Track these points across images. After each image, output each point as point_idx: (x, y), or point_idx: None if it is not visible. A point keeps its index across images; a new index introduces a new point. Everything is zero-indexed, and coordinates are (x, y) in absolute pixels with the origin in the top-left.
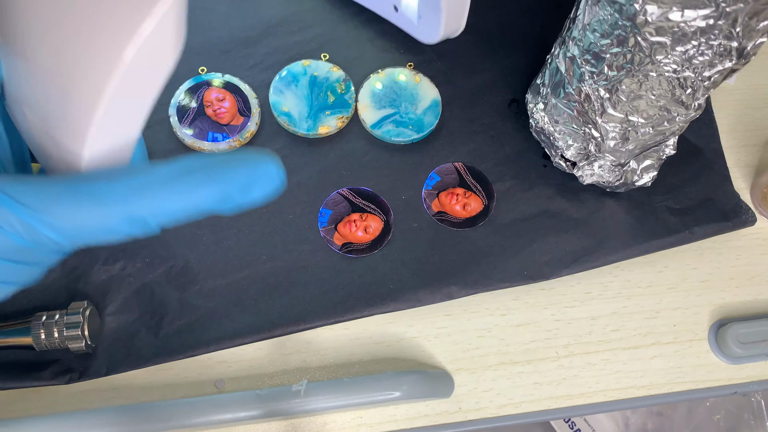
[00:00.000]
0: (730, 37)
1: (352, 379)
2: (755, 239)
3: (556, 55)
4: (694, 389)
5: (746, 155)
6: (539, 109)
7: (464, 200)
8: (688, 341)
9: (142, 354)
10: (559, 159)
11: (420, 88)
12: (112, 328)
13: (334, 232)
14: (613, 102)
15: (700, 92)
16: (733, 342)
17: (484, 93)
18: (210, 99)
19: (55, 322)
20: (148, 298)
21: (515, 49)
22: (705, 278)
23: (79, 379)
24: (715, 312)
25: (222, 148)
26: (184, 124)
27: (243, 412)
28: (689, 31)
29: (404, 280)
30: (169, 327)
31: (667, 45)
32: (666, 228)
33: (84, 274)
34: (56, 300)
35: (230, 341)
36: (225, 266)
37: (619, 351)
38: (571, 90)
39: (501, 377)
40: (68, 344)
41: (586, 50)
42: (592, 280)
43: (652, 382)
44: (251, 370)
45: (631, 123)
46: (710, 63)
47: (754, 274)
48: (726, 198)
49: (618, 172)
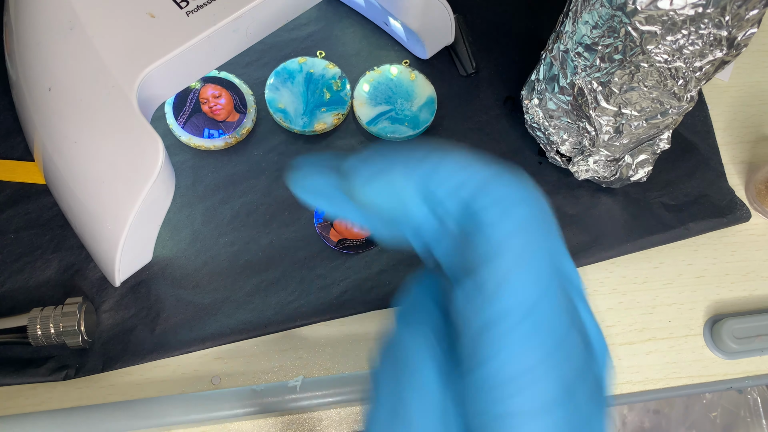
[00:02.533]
0: (719, 26)
1: (348, 374)
2: (750, 235)
3: (551, 50)
4: (690, 384)
5: (741, 152)
6: (534, 105)
7: None
8: (683, 337)
9: (139, 350)
10: (555, 154)
11: (416, 85)
12: (108, 324)
13: (330, 228)
14: (605, 94)
15: (692, 83)
16: (728, 337)
17: (480, 90)
18: (206, 96)
19: (51, 317)
20: (144, 294)
21: (511, 47)
22: (700, 274)
23: (75, 375)
24: (710, 307)
25: (218, 145)
26: (180, 121)
27: (239, 408)
28: (679, 20)
29: (400, 276)
30: (165, 323)
31: (658, 34)
32: (661, 224)
33: (80, 271)
34: (53, 297)
35: (226, 337)
36: (221, 262)
37: (615, 346)
38: (565, 84)
39: None
40: (64, 339)
41: (579, 43)
42: (588, 275)
43: (648, 378)
44: (247, 366)
45: (624, 116)
46: (701, 53)
47: (749, 270)
48: (721, 194)
49: (613, 167)
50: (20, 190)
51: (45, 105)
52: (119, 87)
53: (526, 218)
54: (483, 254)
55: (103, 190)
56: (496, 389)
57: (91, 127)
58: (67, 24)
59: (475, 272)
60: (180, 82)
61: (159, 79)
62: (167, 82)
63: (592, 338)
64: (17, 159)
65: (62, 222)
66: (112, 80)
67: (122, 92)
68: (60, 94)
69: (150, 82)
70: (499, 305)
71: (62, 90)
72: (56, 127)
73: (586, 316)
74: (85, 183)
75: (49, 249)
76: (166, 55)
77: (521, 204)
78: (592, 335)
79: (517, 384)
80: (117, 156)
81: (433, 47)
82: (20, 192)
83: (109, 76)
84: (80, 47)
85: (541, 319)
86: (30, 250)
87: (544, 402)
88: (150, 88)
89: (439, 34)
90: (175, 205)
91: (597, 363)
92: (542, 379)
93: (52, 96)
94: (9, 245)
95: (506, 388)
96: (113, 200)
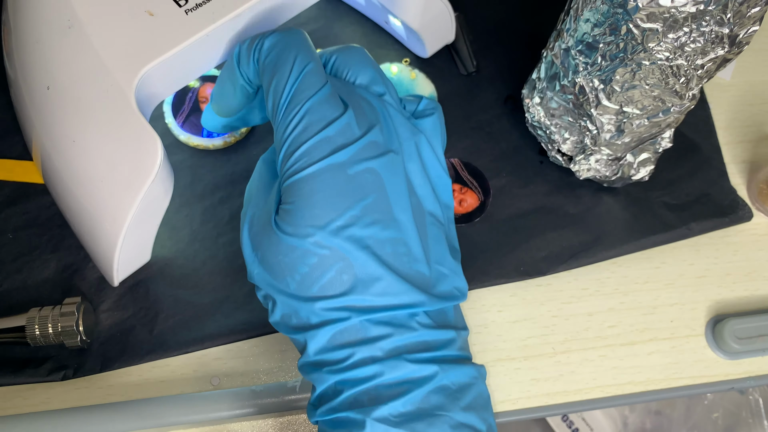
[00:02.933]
0: (721, 24)
1: None
2: (752, 235)
3: (551, 49)
4: (692, 385)
5: (743, 151)
6: (535, 103)
7: (460, 196)
8: (685, 337)
9: (137, 350)
10: (556, 153)
11: (416, 84)
12: (107, 324)
13: None
14: (607, 93)
15: (694, 81)
16: (730, 337)
17: (480, 89)
18: (205, 95)
19: (49, 317)
20: (142, 294)
21: (511, 46)
22: (702, 274)
23: (73, 375)
24: (712, 308)
25: (217, 144)
26: (178, 120)
27: (239, 409)
28: (680, 17)
29: None
30: (164, 323)
31: (659, 32)
32: (663, 224)
33: (78, 271)
34: (51, 297)
35: (226, 337)
36: (220, 262)
37: (617, 347)
38: (566, 82)
39: (498, 373)
40: (63, 340)
41: (580, 41)
42: (589, 276)
43: (650, 378)
44: (247, 366)
45: (625, 114)
46: (702, 50)
47: (751, 270)
48: (723, 194)
49: (615, 166)
50: (18, 189)
51: (43, 104)
52: (118, 86)
53: (277, 40)
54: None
55: (101, 190)
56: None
57: (90, 126)
58: (66, 22)
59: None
60: (179, 80)
61: (158, 78)
62: (166, 81)
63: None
64: (15, 158)
65: (61, 222)
66: (110, 79)
67: (121, 91)
68: (58, 92)
69: (149, 80)
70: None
71: (61, 89)
72: (55, 126)
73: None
74: (84, 182)
75: (47, 249)
76: (165, 54)
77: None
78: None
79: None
80: (115, 155)
81: (433, 46)
82: (18, 191)
83: (107, 75)
84: (79, 46)
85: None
86: (28, 250)
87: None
88: (149, 86)
89: (440, 32)
90: (173, 204)
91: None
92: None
93: (51, 95)
94: (7, 245)
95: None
96: (111, 199)
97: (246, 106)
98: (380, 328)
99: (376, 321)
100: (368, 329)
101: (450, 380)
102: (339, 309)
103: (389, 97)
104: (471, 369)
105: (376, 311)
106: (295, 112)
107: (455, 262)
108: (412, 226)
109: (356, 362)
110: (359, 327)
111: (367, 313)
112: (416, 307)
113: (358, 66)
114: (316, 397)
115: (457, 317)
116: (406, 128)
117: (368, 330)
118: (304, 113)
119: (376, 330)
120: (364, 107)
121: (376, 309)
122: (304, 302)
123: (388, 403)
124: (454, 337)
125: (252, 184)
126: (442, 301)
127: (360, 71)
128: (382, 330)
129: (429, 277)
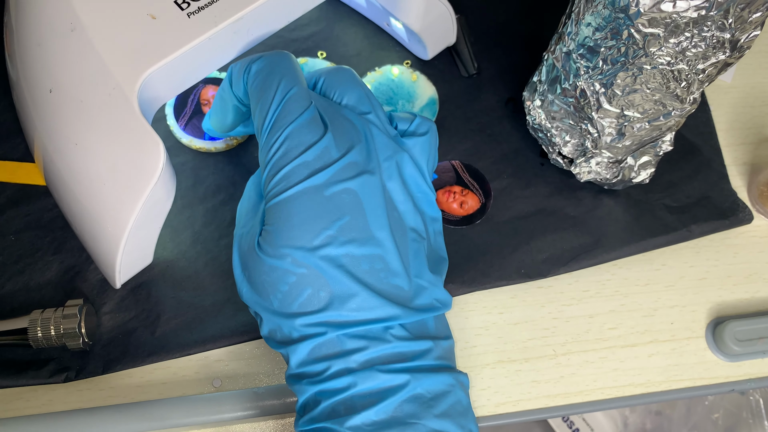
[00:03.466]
0: (722, 29)
1: None
2: (752, 237)
3: (553, 52)
4: (692, 387)
5: (743, 153)
6: (536, 106)
7: (461, 198)
8: (685, 339)
9: (139, 352)
10: (557, 156)
11: (417, 86)
12: (109, 326)
13: None
14: (608, 96)
15: (695, 86)
16: (730, 340)
17: (481, 91)
18: (207, 97)
19: (51, 319)
20: (144, 296)
21: (513, 48)
22: (702, 276)
23: (75, 377)
24: (712, 310)
25: (219, 146)
26: (181, 122)
27: (240, 411)
28: (682, 22)
29: None
30: (166, 325)
31: (660, 37)
32: (663, 226)
33: (81, 273)
34: (53, 299)
35: (227, 339)
36: (222, 264)
37: (617, 349)
38: (567, 86)
39: (498, 375)
40: (65, 341)
41: (581, 44)
42: (590, 278)
43: (650, 380)
44: (249, 368)
45: (626, 118)
46: (704, 55)
47: (751, 272)
48: (723, 196)
49: (615, 169)
50: (21, 191)
51: (46, 106)
52: (120, 88)
53: (262, 66)
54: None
55: (103, 192)
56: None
57: (92, 129)
58: (68, 25)
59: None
60: (181, 83)
61: (160, 81)
62: (168, 84)
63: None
64: (18, 160)
65: (63, 224)
66: (113, 82)
67: (123, 94)
68: (61, 95)
69: (151, 83)
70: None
71: (63, 91)
72: (57, 129)
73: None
74: (86, 185)
75: (49, 251)
76: (168, 57)
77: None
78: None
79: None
80: (118, 158)
81: (434, 48)
82: (21, 193)
83: (110, 78)
84: (81, 48)
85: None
86: (30, 252)
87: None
88: (151, 89)
89: (441, 34)
90: (175, 206)
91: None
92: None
93: (53, 97)
94: (9, 247)
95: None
96: (114, 202)
97: (241, 123)
98: (356, 342)
99: (351, 335)
100: (344, 343)
101: (424, 388)
102: (317, 324)
103: (374, 116)
104: (447, 377)
105: (351, 326)
106: (277, 136)
107: (435, 275)
108: (391, 242)
109: (332, 374)
110: (336, 341)
111: (343, 327)
112: (391, 321)
113: (344, 86)
114: (300, 407)
115: (439, 327)
116: (388, 147)
117: (344, 343)
118: (285, 138)
119: (351, 343)
120: (347, 128)
121: (352, 324)
122: (286, 318)
123: (362, 413)
124: (430, 347)
125: (242, 205)
126: (420, 313)
127: (346, 92)
128: (357, 343)
129: (408, 291)
